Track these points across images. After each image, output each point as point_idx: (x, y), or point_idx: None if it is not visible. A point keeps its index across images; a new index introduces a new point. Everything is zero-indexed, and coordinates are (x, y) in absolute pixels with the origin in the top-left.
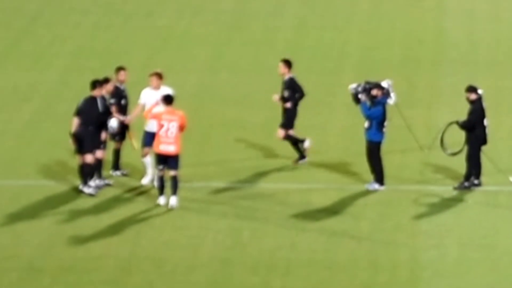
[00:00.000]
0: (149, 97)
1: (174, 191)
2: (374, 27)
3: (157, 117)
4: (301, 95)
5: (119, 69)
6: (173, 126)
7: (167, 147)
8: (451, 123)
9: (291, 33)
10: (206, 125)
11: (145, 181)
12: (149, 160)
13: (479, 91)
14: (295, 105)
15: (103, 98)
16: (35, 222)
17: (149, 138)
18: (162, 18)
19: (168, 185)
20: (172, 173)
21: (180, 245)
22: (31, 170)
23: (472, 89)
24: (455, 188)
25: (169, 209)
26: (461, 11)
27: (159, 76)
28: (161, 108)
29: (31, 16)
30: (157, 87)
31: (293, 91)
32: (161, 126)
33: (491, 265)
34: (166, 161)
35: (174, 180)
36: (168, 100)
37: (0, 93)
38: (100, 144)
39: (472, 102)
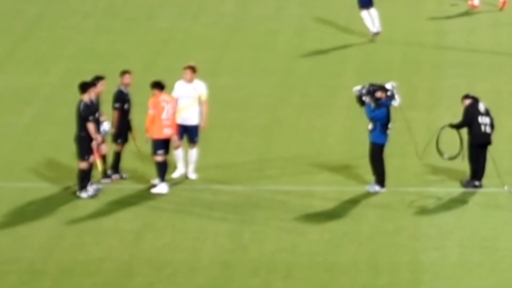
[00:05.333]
0: (182, 90)
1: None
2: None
3: (154, 103)
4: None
5: (124, 72)
6: (171, 108)
7: (169, 130)
8: (443, 128)
9: (292, 35)
10: (207, 127)
11: (176, 174)
12: (180, 154)
13: (472, 96)
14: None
15: (91, 101)
16: (36, 225)
17: (180, 130)
18: (163, 21)
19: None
20: (166, 157)
21: (180, 248)
22: (31, 172)
23: (464, 97)
24: (465, 187)
25: (169, 212)
26: (461, 14)
27: (193, 69)
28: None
29: (32, 19)
30: (190, 80)
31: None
32: (162, 109)
33: (492, 267)
34: (166, 145)
35: (165, 164)
36: (161, 86)
37: (1, 96)
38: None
39: (466, 107)
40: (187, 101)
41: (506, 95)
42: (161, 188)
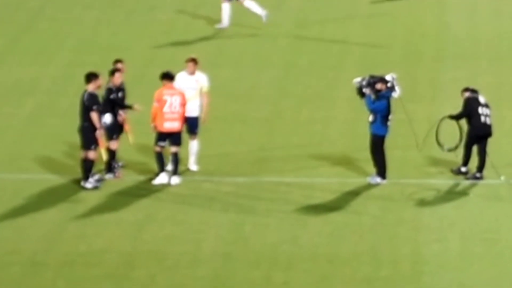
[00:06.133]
0: (184, 82)
1: (176, 168)
2: (375, 21)
3: (158, 96)
4: None
5: (117, 62)
6: (175, 101)
7: (172, 124)
8: (442, 119)
9: (293, 27)
10: (208, 119)
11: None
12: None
13: (471, 88)
14: None
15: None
16: (37, 216)
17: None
18: (164, 12)
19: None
20: (174, 149)
21: (182, 240)
22: (33, 164)
23: (464, 89)
24: (466, 178)
25: (170, 203)
26: (463, 6)
27: (195, 61)
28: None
29: (33, 11)
30: (193, 73)
31: None
32: (164, 102)
33: (493, 259)
34: (168, 138)
35: (176, 157)
36: (169, 76)
37: (3, 87)
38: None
39: (466, 98)
40: (189, 93)
41: (507, 87)
42: (161, 178)
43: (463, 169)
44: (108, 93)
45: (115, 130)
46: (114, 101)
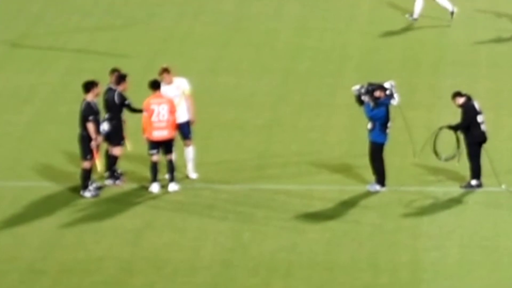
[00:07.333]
0: (166, 92)
1: (172, 175)
2: (374, 29)
3: (145, 105)
4: None
5: (113, 71)
6: (163, 109)
7: (161, 133)
8: (440, 128)
9: (292, 34)
10: (206, 126)
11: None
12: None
13: (465, 93)
14: None
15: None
16: (36, 224)
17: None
18: (163, 20)
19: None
20: (168, 157)
21: (180, 247)
22: (31, 171)
23: (456, 94)
24: (461, 187)
25: (169, 211)
26: (461, 13)
27: (168, 71)
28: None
29: (32, 18)
30: (170, 82)
31: None
32: (151, 111)
33: (492, 266)
34: (160, 146)
35: (171, 164)
36: (155, 85)
37: (1, 95)
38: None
39: (461, 106)
40: (174, 100)
41: (506, 94)
42: (152, 187)
43: (474, 182)
44: (121, 98)
45: (121, 136)
46: (129, 105)
